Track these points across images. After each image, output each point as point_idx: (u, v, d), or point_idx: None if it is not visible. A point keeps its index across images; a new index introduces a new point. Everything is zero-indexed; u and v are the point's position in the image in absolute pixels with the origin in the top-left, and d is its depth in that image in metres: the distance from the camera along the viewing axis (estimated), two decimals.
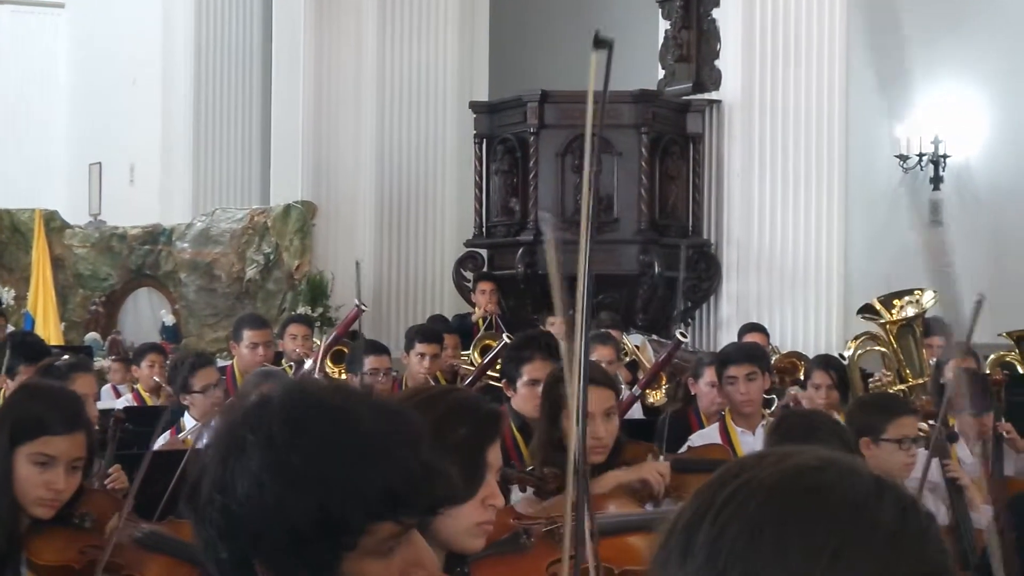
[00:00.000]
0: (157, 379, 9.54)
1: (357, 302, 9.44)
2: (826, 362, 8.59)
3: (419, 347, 9.51)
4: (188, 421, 7.24)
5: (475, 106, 14.30)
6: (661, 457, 5.10)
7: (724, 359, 7.41)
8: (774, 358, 9.41)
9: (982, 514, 5.92)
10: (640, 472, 4.63)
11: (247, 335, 9.15)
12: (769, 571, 1.31)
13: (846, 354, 10.22)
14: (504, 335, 9.73)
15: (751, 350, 7.53)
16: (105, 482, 5.47)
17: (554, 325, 11.34)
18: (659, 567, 1.39)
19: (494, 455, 3.11)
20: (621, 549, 4.08)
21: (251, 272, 15.60)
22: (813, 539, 1.31)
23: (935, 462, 5.72)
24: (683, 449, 6.38)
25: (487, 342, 10.22)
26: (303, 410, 2.00)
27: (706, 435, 7.16)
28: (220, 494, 1.94)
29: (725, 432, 7.04)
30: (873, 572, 1.31)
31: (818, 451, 1.42)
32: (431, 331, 10.24)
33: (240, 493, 1.92)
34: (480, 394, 4.87)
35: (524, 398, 5.96)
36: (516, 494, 4.69)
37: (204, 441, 6.48)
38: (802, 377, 9.11)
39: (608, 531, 4.11)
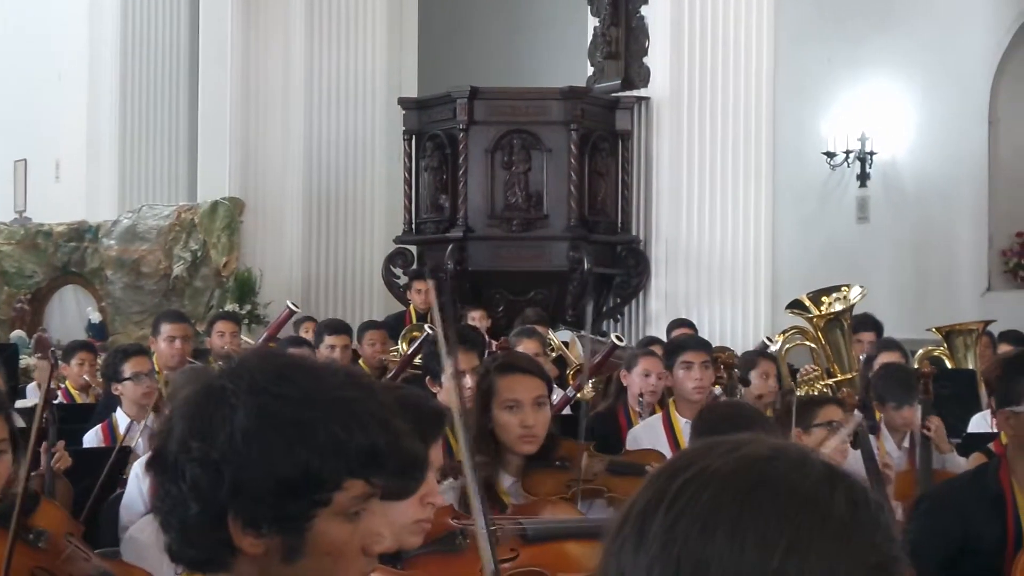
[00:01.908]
0: (87, 377, 9.47)
1: (289, 303, 9.45)
2: (766, 353, 8.80)
3: (328, 339, 9.69)
4: (120, 418, 7.18)
5: (404, 102, 14.27)
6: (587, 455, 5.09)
7: (680, 346, 7.47)
8: None
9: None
10: None
11: (164, 328, 9.12)
12: (723, 563, 1.31)
13: (773, 349, 10.28)
14: (426, 326, 9.74)
15: (704, 341, 7.65)
16: (52, 462, 5.58)
17: (476, 319, 11.38)
18: (612, 554, 1.39)
19: (435, 454, 3.12)
20: (557, 555, 4.08)
21: (178, 269, 15.50)
22: (767, 532, 1.32)
23: (857, 454, 5.78)
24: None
25: (415, 334, 10.21)
26: (285, 366, 2.02)
27: (649, 425, 7.19)
28: (199, 443, 1.94)
29: (668, 422, 7.07)
30: (826, 563, 1.31)
31: (769, 440, 1.43)
32: (338, 323, 10.50)
33: (222, 442, 1.92)
34: (424, 392, 4.87)
35: (450, 392, 5.93)
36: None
37: (139, 437, 6.47)
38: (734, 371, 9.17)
39: (543, 537, 4.11)
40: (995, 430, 7.48)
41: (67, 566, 4.42)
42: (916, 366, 8.82)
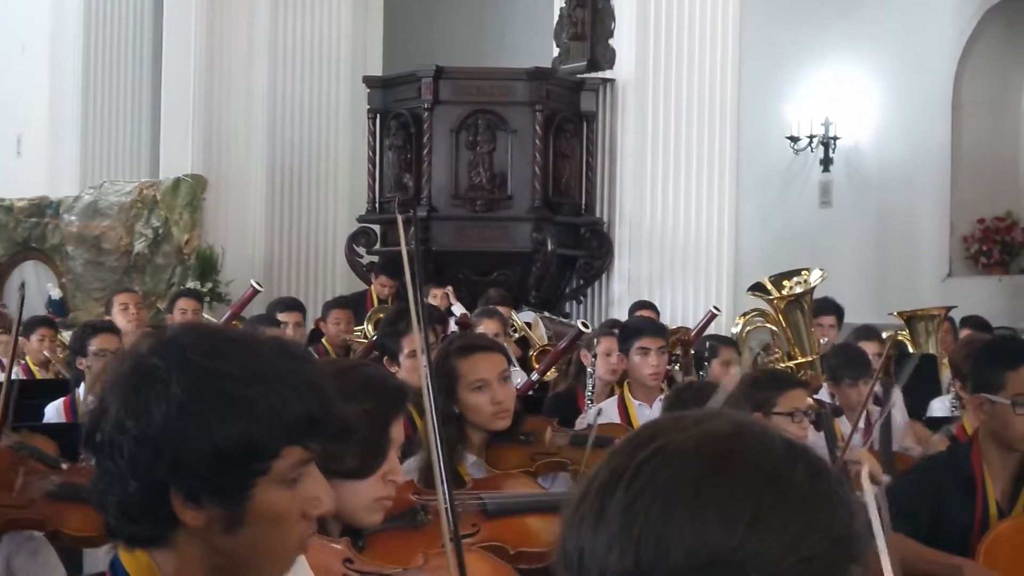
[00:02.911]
0: (47, 353, 9.43)
1: (253, 282, 9.44)
2: (728, 341, 8.81)
3: (281, 316, 9.71)
4: (84, 393, 7.16)
5: (369, 81, 14.23)
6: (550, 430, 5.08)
7: (637, 330, 7.43)
8: None
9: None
10: None
11: (116, 299, 9.15)
12: (684, 540, 1.30)
13: (734, 331, 10.32)
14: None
15: (661, 326, 7.61)
16: None
17: (436, 297, 11.37)
18: (571, 529, 1.38)
19: (397, 431, 3.11)
20: (517, 529, 4.07)
21: (139, 246, 15.42)
22: (728, 507, 1.31)
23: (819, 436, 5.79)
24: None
25: (380, 315, 10.19)
26: (216, 339, 2.02)
27: (605, 407, 7.19)
28: (134, 421, 1.93)
29: (623, 405, 7.07)
30: (788, 539, 1.31)
31: (731, 415, 1.42)
32: (292, 301, 10.59)
33: (158, 419, 1.92)
34: (386, 370, 4.85)
35: (408, 370, 5.93)
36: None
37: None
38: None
39: (503, 511, 4.11)
40: (954, 414, 7.56)
41: (26, 494, 4.41)
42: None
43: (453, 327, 10.27)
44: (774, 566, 1.30)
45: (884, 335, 10.40)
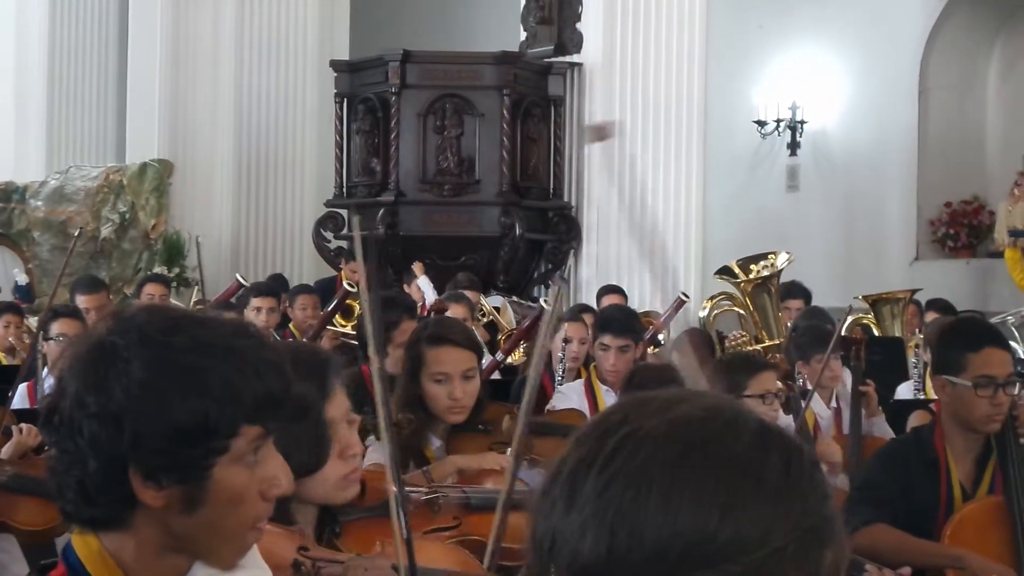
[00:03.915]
0: (12, 340, 9.38)
1: (238, 276, 9.45)
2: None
3: (255, 302, 9.70)
4: (47, 377, 7.11)
5: (336, 65, 14.20)
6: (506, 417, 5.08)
7: (603, 325, 7.37)
8: None
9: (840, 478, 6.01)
10: (482, 463, 4.60)
11: (78, 299, 9.12)
12: (658, 528, 1.30)
13: (702, 314, 10.34)
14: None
15: (629, 322, 7.47)
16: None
17: (410, 290, 11.37)
18: (542, 515, 1.37)
19: (334, 408, 3.09)
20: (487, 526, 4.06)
21: (106, 231, 15.36)
22: (702, 495, 1.30)
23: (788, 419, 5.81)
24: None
25: (349, 302, 10.17)
26: (173, 318, 2.03)
27: (570, 389, 7.19)
28: (94, 398, 1.93)
29: (590, 388, 7.07)
30: (762, 525, 1.31)
31: (702, 398, 1.41)
32: (266, 286, 10.54)
33: (118, 394, 1.92)
34: (314, 345, 4.83)
35: (394, 361, 5.94)
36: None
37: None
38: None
39: (486, 507, 4.10)
40: (919, 396, 7.59)
41: None
42: (845, 333, 8.88)
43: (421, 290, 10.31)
44: (748, 553, 1.30)
45: (848, 319, 10.46)
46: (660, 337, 9.84)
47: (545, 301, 8.90)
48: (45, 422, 2.00)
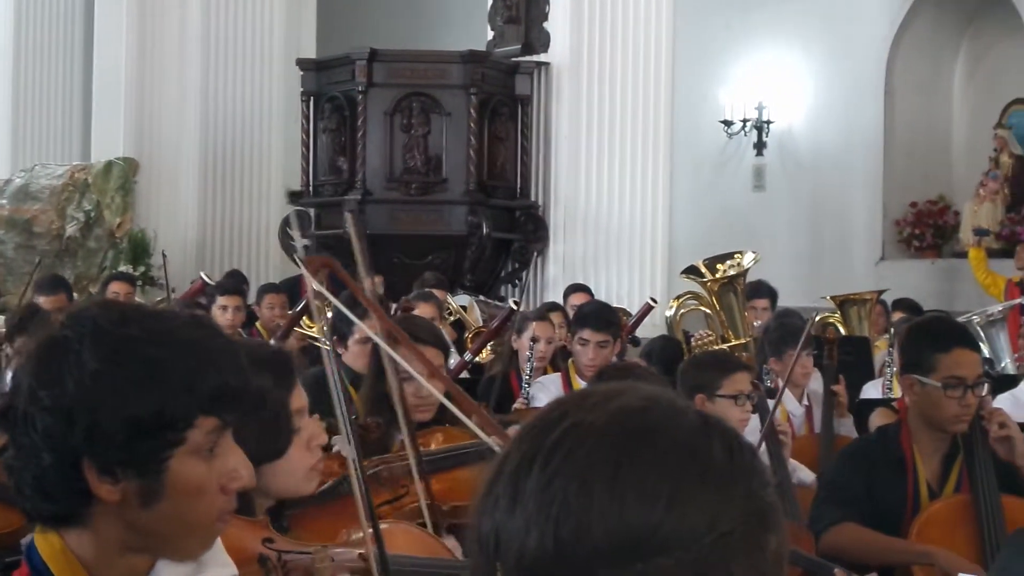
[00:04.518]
0: None
1: (203, 275, 9.40)
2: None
3: (221, 300, 9.74)
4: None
5: (302, 63, 14.16)
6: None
7: (581, 320, 7.38)
8: None
9: (806, 472, 6.02)
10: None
11: (39, 300, 9.09)
12: (605, 520, 1.29)
13: (668, 314, 10.35)
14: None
15: (608, 318, 7.48)
16: None
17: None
18: (485, 513, 1.36)
19: (297, 399, 3.09)
20: (449, 485, 4.05)
21: (71, 229, 15.29)
22: (646, 486, 1.30)
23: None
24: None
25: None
26: (126, 310, 2.03)
27: (549, 381, 7.23)
28: (47, 391, 1.92)
29: (568, 382, 7.10)
30: (708, 513, 1.31)
31: (640, 389, 1.41)
32: (231, 285, 10.54)
33: (71, 387, 1.91)
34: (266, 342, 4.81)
35: (355, 355, 5.98)
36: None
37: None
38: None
39: (434, 468, 4.09)
40: (884, 395, 7.61)
41: None
42: (815, 333, 8.89)
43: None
44: (696, 542, 1.29)
45: (817, 318, 10.49)
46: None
47: (515, 302, 8.89)
48: (1, 418, 1.99)
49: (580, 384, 7.04)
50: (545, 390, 7.06)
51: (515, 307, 8.64)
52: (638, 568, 1.29)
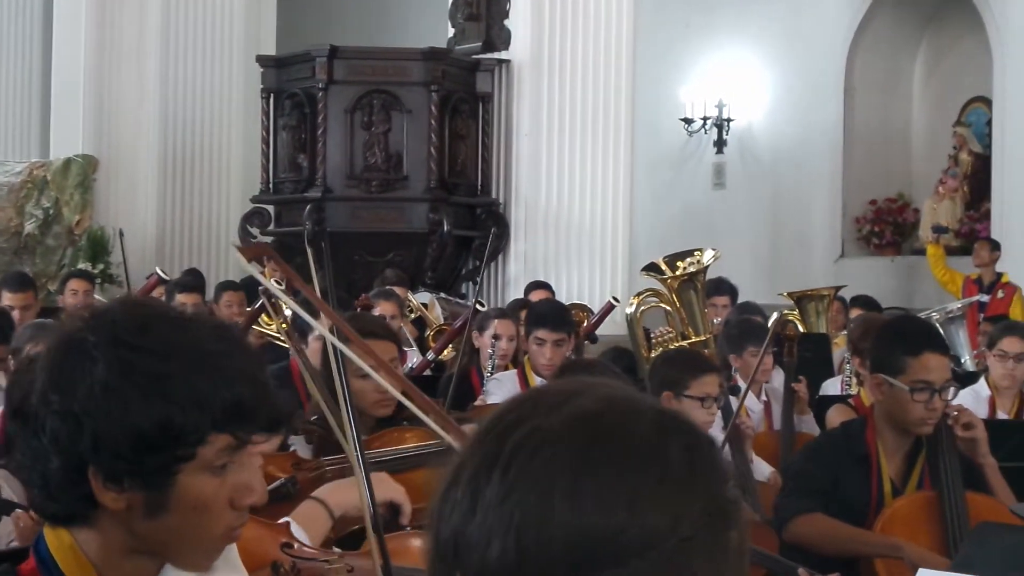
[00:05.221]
0: None
1: (158, 270, 9.33)
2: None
3: (180, 298, 9.63)
4: None
5: (262, 60, 14.11)
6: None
7: (537, 319, 7.36)
8: None
9: (764, 466, 6.04)
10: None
11: (4, 297, 9.02)
12: (567, 529, 1.28)
13: (629, 311, 10.35)
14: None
15: (563, 316, 7.48)
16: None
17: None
18: (443, 519, 1.35)
19: None
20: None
21: (30, 227, 15.19)
22: (606, 491, 1.29)
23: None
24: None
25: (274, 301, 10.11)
26: (147, 316, 1.99)
27: (505, 378, 7.21)
28: (58, 396, 1.91)
29: (524, 379, 7.09)
30: (669, 515, 1.30)
31: (596, 388, 1.39)
32: (190, 283, 10.47)
33: (82, 394, 1.89)
34: None
35: (315, 352, 5.96)
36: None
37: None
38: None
39: (391, 471, 4.07)
40: (848, 392, 7.64)
41: None
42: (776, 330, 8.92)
43: None
44: (659, 544, 1.29)
45: (773, 315, 10.52)
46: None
47: (479, 302, 8.87)
48: (14, 413, 1.98)
49: (536, 381, 7.03)
50: (501, 387, 7.05)
51: (479, 307, 8.63)
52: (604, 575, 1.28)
